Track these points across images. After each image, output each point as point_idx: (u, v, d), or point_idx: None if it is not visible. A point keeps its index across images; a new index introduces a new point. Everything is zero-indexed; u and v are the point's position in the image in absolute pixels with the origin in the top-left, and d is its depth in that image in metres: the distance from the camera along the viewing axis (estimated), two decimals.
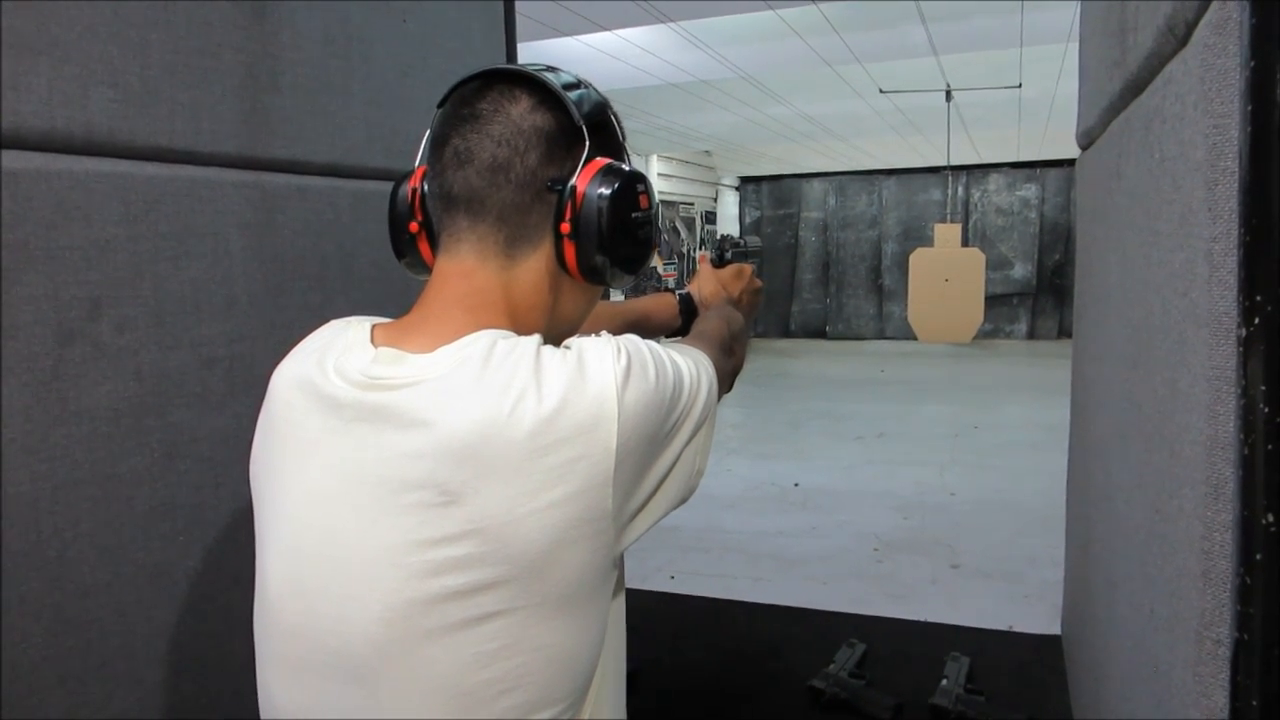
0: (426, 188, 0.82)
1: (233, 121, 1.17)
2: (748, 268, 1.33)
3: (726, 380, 0.94)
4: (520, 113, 0.77)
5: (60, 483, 0.97)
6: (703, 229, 13.56)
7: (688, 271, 12.88)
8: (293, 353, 0.83)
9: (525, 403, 0.67)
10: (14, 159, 0.92)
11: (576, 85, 0.80)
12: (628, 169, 0.81)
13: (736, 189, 15.21)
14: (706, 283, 1.30)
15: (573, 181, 0.78)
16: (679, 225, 12.61)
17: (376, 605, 0.69)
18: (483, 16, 1.70)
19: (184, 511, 1.12)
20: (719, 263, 1.31)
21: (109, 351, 1.02)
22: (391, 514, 0.69)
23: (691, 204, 13.13)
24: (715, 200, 14.25)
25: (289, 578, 0.74)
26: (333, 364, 0.77)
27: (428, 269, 0.85)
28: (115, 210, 1.02)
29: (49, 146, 0.96)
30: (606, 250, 0.79)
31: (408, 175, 0.88)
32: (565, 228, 0.78)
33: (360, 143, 1.39)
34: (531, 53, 5.38)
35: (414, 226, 0.86)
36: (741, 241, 1.33)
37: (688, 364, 0.79)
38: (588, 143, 0.79)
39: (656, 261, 11.59)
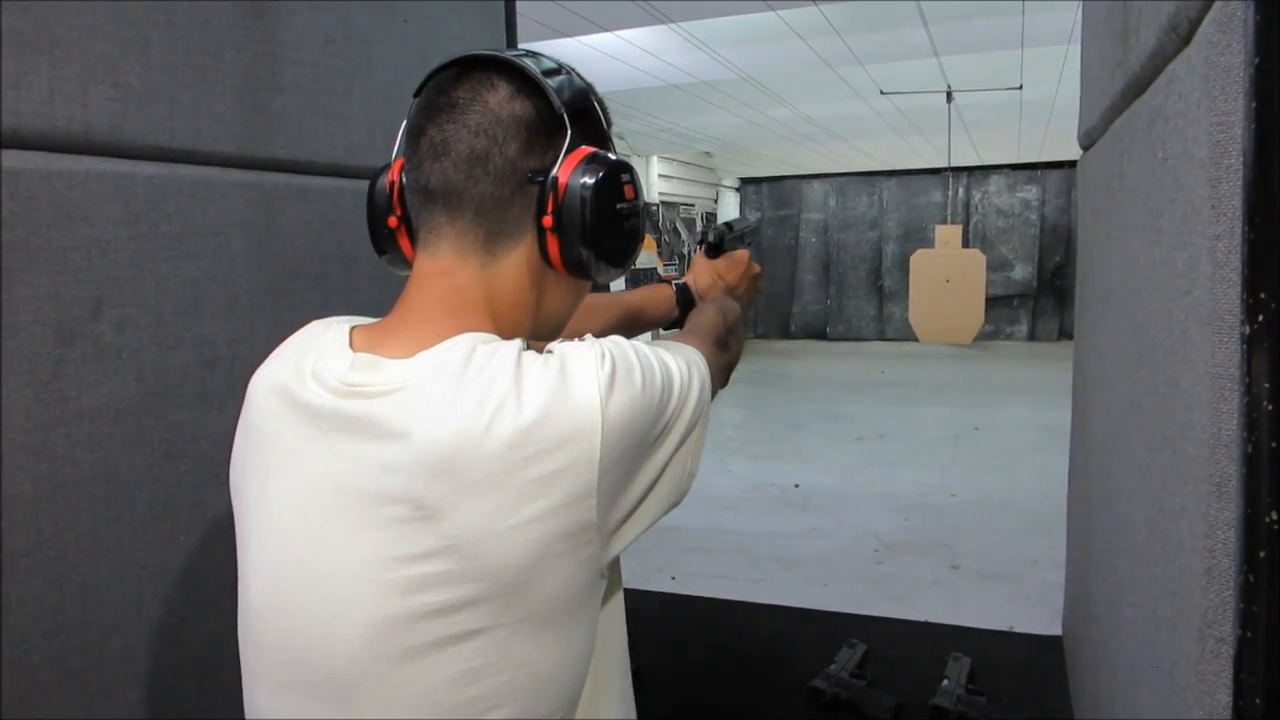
0: (405, 180, 0.79)
1: (233, 121, 1.16)
2: (744, 254, 1.27)
3: (720, 375, 0.91)
4: (498, 101, 0.74)
5: (61, 482, 0.97)
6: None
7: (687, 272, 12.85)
8: (271, 357, 0.80)
9: (504, 413, 0.65)
10: (14, 158, 0.92)
11: (557, 71, 0.76)
12: (612, 158, 0.78)
13: (737, 190, 15.20)
14: (702, 275, 1.25)
15: (554, 172, 0.75)
16: (679, 226, 12.60)
17: (356, 622, 0.67)
18: (483, 17, 1.70)
19: (185, 512, 1.12)
20: (715, 252, 1.26)
21: (110, 351, 1.02)
22: (369, 528, 0.66)
23: (692, 205, 13.13)
24: (716, 201, 14.26)
25: (270, 591, 0.72)
26: (310, 369, 0.74)
27: (409, 264, 0.82)
28: (116, 210, 1.02)
29: (49, 146, 0.95)
30: (591, 243, 0.76)
31: (386, 168, 0.84)
32: (547, 221, 0.75)
33: (361, 142, 1.39)
34: None
35: (393, 221, 0.82)
36: (731, 227, 1.27)
37: (678, 364, 0.76)
38: (569, 131, 0.75)
39: (656, 263, 11.58)
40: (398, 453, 0.66)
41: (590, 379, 0.67)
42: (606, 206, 0.76)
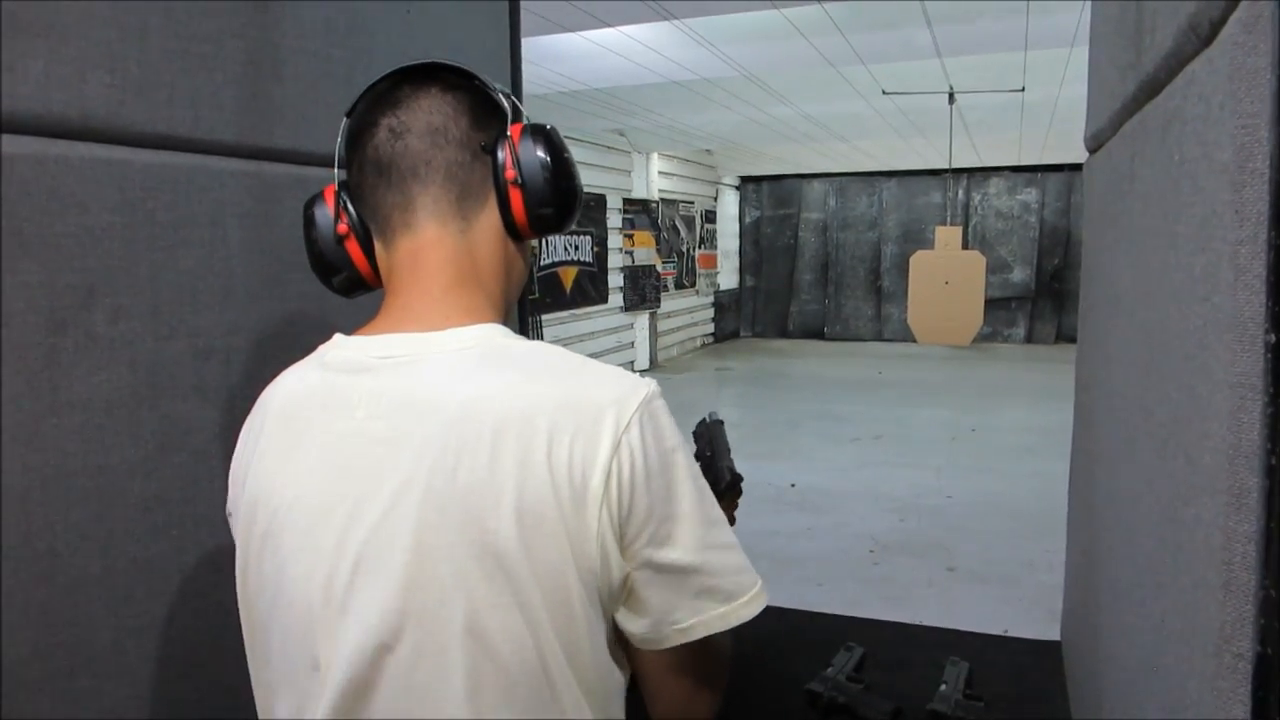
0: (353, 190, 0.85)
1: (232, 109, 1.15)
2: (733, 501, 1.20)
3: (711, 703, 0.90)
4: (439, 92, 0.81)
5: (51, 474, 0.96)
6: (702, 228, 13.55)
7: (686, 270, 12.86)
8: (284, 374, 0.85)
9: (523, 387, 0.71)
10: (9, 143, 0.90)
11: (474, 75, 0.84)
12: (547, 125, 0.85)
13: (737, 188, 15.20)
14: None
15: (508, 136, 0.82)
16: (679, 224, 12.59)
17: (396, 598, 0.70)
18: (486, 9, 1.68)
19: (177, 505, 1.10)
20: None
21: (103, 341, 1.00)
22: (404, 504, 0.70)
23: (691, 203, 13.12)
24: (715, 199, 14.25)
25: (315, 576, 0.74)
26: (327, 362, 0.79)
27: (365, 282, 0.88)
28: (111, 197, 1.00)
29: (45, 131, 0.94)
30: (553, 195, 0.83)
31: (317, 197, 0.89)
32: (510, 174, 0.81)
33: None
34: (535, 49, 5.36)
35: (351, 245, 0.87)
36: (732, 472, 1.20)
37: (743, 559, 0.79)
38: (508, 108, 0.83)
39: (655, 260, 11.58)
40: (430, 431, 0.70)
41: (624, 386, 0.72)
42: (559, 161, 0.83)
